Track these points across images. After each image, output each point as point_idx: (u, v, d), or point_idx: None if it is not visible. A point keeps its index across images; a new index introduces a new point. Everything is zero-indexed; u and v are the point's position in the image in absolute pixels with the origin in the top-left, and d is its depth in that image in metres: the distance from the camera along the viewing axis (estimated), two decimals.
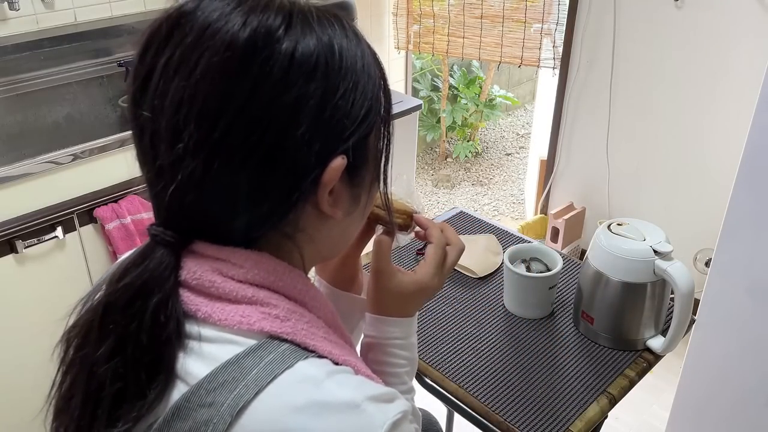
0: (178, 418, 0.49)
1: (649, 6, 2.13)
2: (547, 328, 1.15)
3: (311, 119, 0.51)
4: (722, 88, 2.06)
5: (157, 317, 0.52)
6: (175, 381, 0.51)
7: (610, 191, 2.47)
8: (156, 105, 0.51)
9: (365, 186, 0.60)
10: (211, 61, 0.49)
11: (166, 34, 0.51)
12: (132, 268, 0.53)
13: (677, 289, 1.00)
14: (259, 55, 0.49)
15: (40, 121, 1.83)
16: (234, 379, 0.49)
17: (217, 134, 0.49)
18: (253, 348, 0.51)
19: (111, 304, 0.53)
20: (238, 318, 0.52)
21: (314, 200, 0.54)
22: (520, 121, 4.38)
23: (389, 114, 0.60)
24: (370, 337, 0.75)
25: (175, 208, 0.53)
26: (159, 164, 0.52)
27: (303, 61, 0.50)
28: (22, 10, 1.76)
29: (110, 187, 1.55)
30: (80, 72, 1.89)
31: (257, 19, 0.50)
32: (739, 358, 1.53)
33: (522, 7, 2.42)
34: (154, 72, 0.51)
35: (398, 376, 0.75)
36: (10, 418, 1.54)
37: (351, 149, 0.54)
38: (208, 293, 0.54)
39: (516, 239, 1.40)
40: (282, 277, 0.57)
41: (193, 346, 0.52)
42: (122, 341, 0.52)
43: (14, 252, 1.44)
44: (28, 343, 1.52)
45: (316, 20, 0.53)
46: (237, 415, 0.48)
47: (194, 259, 0.55)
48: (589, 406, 0.98)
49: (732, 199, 1.42)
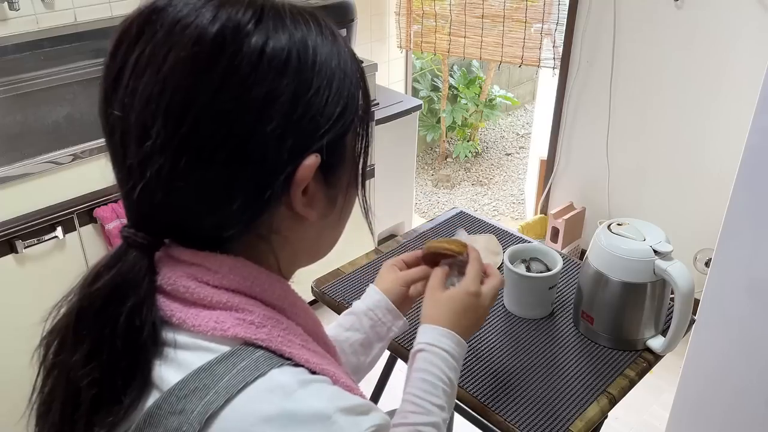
0: (150, 425, 0.49)
1: (649, 6, 2.13)
2: (547, 328, 1.15)
3: (282, 115, 0.50)
4: (722, 87, 2.05)
5: (132, 322, 0.51)
6: (150, 388, 0.51)
7: (610, 191, 2.47)
8: (126, 103, 0.50)
9: (341, 187, 0.59)
10: (179, 56, 0.48)
11: (137, 31, 0.50)
12: (104, 272, 0.53)
13: (677, 289, 1.00)
14: (228, 50, 0.49)
15: (40, 121, 1.83)
16: (205, 386, 0.48)
17: (184, 129, 0.48)
18: (226, 355, 0.50)
19: (84, 309, 0.52)
20: (212, 324, 0.52)
21: (288, 200, 0.54)
22: (520, 121, 4.38)
23: (367, 114, 0.59)
24: (420, 344, 0.79)
25: (146, 209, 0.53)
26: (128, 163, 0.51)
27: (273, 56, 0.50)
28: (22, 10, 1.76)
29: (110, 187, 1.53)
30: (80, 72, 1.89)
31: (227, 13, 0.49)
32: (739, 358, 1.52)
33: (522, 7, 2.43)
34: (125, 69, 0.50)
35: (435, 387, 0.76)
36: (11, 418, 1.54)
37: (325, 148, 0.53)
38: (182, 298, 0.53)
39: (516, 239, 1.40)
40: (259, 283, 0.56)
41: (168, 353, 0.52)
42: (97, 346, 0.51)
43: (14, 252, 1.44)
44: (28, 343, 1.52)
45: (289, 17, 0.52)
46: (206, 422, 0.47)
47: (169, 264, 0.54)
48: (589, 406, 0.98)
49: (732, 199, 1.42)
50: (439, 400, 0.76)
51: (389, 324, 0.90)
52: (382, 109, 2.34)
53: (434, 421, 0.74)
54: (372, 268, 1.29)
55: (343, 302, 1.19)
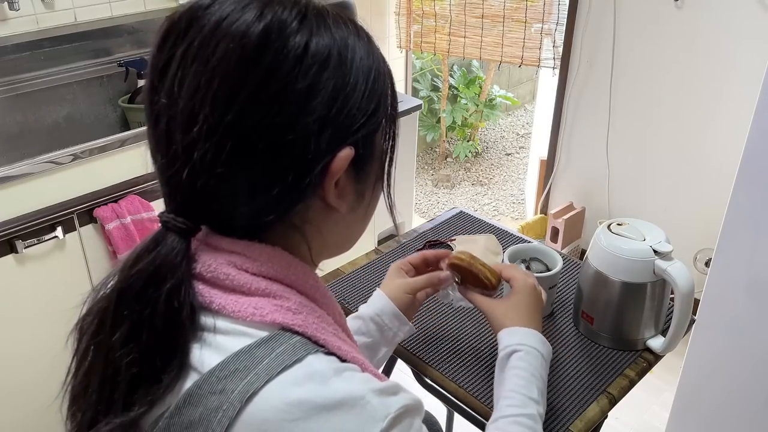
0: (190, 404, 0.50)
1: (649, 6, 2.13)
2: (547, 328, 1.15)
3: (323, 108, 0.53)
4: (722, 87, 2.06)
5: (171, 303, 0.53)
6: (188, 370, 0.52)
7: (610, 191, 2.47)
8: (174, 91, 0.52)
9: (369, 183, 0.62)
10: (227, 48, 0.51)
11: (185, 25, 0.53)
12: (144, 255, 0.54)
13: (677, 289, 1.00)
14: (274, 44, 0.51)
15: (40, 121, 1.83)
16: (246, 367, 0.50)
17: (230, 117, 0.51)
18: (265, 339, 0.53)
19: (125, 291, 0.54)
20: (251, 310, 0.54)
21: (321, 192, 0.56)
22: (520, 121, 4.38)
23: (395, 114, 0.62)
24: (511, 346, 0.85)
25: (187, 194, 0.55)
26: (173, 149, 0.53)
27: (316, 53, 0.53)
28: (22, 10, 1.76)
29: (110, 187, 1.55)
30: (80, 72, 1.89)
31: (272, 11, 0.52)
32: (738, 358, 1.53)
33: (522, 7, 2.43)
34: (172, 60, 0.53)
35: (529, 382, 0.81)
36: (11, 417, 1.54)
37: (359, 142, 0.56)
38: (222, 285, 0.55)
39: (516, 239, 1.40)
40: (295, 272, 0.58)
41: (207, 337, 0.53)
42: (137, 327, 0.53)
43: (14, 252, 1.44)
44: (28, 343, 1.53)
45: (330, 18, 0.56)
46: (246, 401, 0.49)
47: (209, 252, 0.56)
48: (589, 406, 0.98)
49: (732, 199, 1.42)
50: (535, 393, 0.80)
51: (395, 329, 0.92)
52: None
53: (532, 413, 0.78)
54: (372, 268, 1.29)
55: (344, 302, 1.19)
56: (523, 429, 0.77)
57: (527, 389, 0.80)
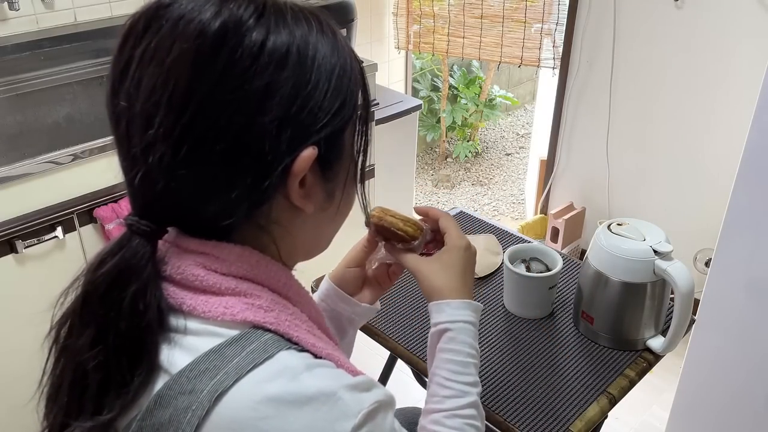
0: (160, 405, 0.50)
1: (649, 6, 2.13)
2: (547, 328, 1.15)
3: (281, 108, 0.52)
4: (722, 87, 2.06)
5: (136, 306, 0.52)
6: (158, 372, 0.52)
7: (610, 191, 2.47)
8: (132, 93, 0.52)
9: (339, 182, 0.60)
10: (182, 48, 0.50)
11: (144, 26, 0.52)
12: (108, 258, 0.54)
13: (677, 289, 1.00)
14: (229, 43, 0.50)
15: (40, 121, 1.83)
16: (215, 367, 0.50)
17: (185, 119, 0.50)
18: (236, 338, 0.52)
19: (89, 294, 0.54)
20: (222, 309, 0.53)
21: (286, 191, 0.55)
22: (520, 121, 4.38)
23: (368, 113, 0.61)
24: (441, 324, 0.76)
25: (148, 196, 0.54)
26: (133, 151, 0.52)
27: (273, 50, 0.51)
28: (22, 10, 1.76)
29: (110, 187, 1.55)
30: (80, 72, 1.88)
31: (229, 10, 0.51)
32: (738, 358, 1.53)
33: (522, 7, 2.43)
34: (131, 62, 0.52)
35: (465, 365, 0.75)
36: (11, 417, 1.54)
37: (323, 141, 0.55)
38: (192, 287, 0.55)
39: (516, 239, 1.40)
40: (265, 270, 0.58)
41: (177, 338, 0.53)
42: (103, 330, 0.53)
43: (14, 252, 1.44)
44: (28, 343, 1.52)
45: (290, 14, 0.54)
46: (215, 401, 0.48)
47: (178, 254, 0.56)
48: (589, 406, 0.98)
49: (732, 199, 1.42)
50: (471, 377, 0.75)
51: (347, 313, 0.86)
52: (382, 109, 2.34)
53: (471, 401, 0.74)
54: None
55: None
56: (464, 421, 0.72)
57: (463, 375, 0.74)
